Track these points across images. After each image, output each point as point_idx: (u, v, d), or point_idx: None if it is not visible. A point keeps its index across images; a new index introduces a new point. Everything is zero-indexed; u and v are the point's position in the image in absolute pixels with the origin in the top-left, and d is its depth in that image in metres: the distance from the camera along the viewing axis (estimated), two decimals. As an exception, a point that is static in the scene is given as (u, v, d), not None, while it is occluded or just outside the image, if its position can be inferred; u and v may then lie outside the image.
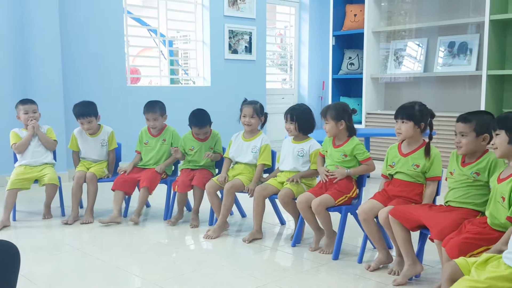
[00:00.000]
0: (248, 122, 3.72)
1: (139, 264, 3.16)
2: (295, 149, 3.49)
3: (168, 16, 6.77)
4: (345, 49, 7.52)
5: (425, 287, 2.67)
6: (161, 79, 7.04)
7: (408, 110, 2.87)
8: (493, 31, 5.67)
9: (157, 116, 4.08)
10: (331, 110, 3.22)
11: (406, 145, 2.96)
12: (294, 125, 3.44)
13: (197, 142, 3.99)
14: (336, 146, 3.26)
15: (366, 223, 2.89)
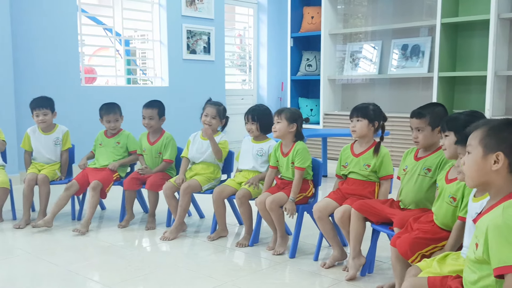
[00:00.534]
0: (209, 122, 3.69)
1: (93, 267, 3.10)
2: (254, 148, 3.51)
3: (124, 15, 6.68)
4: (303, 51, 7.60)
5: (378, 282, 2.73)
6: (117, 79, 6.93)
7: (363, 109, 2.96)
8: (444, 34, 5.85)
9: (118, 117, 4.05)
10: (286, 111, 3.26)
11: (358, 145, 3.04)
12: (256, 125, 3.46)
13: (148, 145, 3.95)
14: (285, 154, 3.27)
15: (321, 221, 2.94)
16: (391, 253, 2.38)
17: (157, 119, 3.93)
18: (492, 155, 1.61)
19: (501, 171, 1.61)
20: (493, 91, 5.50)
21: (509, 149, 1.60)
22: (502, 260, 1.50)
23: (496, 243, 1.51)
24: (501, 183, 1.62)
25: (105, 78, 8.25)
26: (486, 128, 1.65)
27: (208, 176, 3.67)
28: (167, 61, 6.98)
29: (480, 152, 1.64)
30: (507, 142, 1.61)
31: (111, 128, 4.04)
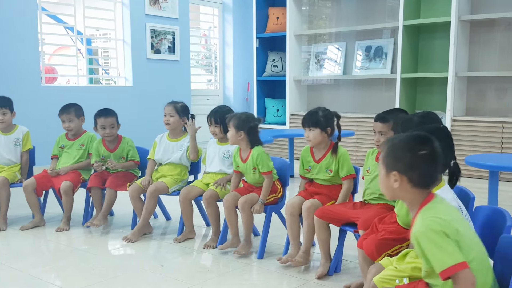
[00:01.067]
0: (166, 121, 3.63)
1: (56, 272, 3.01)
2: (220, 150, 3.47)
3: (86, 13, 6.54)
4: (269, 51, 7.61)
5: (345, 281, 2.74)
6: (79, 79, 6.78)
7: (313, 117, 2.95)
8: (406, 36, 5.96)
9: (72, 117, 3.91)
10: (234, 118, 3.19)
11: (317, 150, 3.03)
12: (219, 127, 3.42)
13: (107, 152, 3.83)
14: (244, 160, 3.23)
15: (293, 217, 2.94)
16: (358, 254, 2.41)
17: (116, 127, 3.83)
18: (391, 174, 1.71)
19: (404, 188, 1.69)
20: (454, 92, 5.63)
21: (404, 167, 1.68)
22: (440, 264, 1.56)
23: (428, 251, 1.58)
24: (411, 197, 1.71)
25: (65, 78, 8.06)
26: (386, 147, 1.75)
27: (175, 178, 3.62)
28: (131, 60, 6.87)
29: (383, 171, 1.75)
30: (401, 161, 1.68)
31: (67, 129, 3.92)
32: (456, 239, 1.58)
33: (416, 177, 1.67)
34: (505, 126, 5.27)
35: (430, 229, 1.58)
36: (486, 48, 5.74)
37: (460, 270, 1.55)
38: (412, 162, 1.68)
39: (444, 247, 1.56)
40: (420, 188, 1.69)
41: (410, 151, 1.69)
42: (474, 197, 2.17)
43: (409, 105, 6.17)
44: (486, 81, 5.79)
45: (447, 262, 1.55)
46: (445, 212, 1.65)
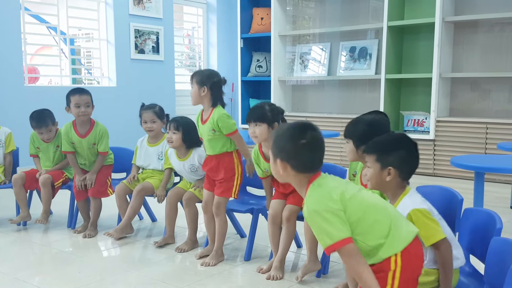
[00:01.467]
0: (150, 128, 3.59)
1: (41, 275, 2.96)
2: (185, 166, 3.36)
3: (69, 13, 6.47)
4: (253, 52, 7.60)
5: (333, 283, 2.75)
6: (62, 79, 6.70)
7: (259, 111, 2.83)
8: (390, 37, 5.99)
9: (51, 127, 3.79)
10: (197, 74, 2.98)
11: (266, 149, 2.91)
12: (179, 135, 3.26)
13: (77, 138, 3.61)
14: (204, 121, 3.02)
15: (275, 225, 2.90)
16: None
17: (92, 106, 3.60)
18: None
19: (289, 173, 1.83)
20: (438, 93, 5.68)
21: (286, 155, 1.82)
22: (322, 243, 1.71)
23: (314, 229, 1.75)
24: (297, 181, 1.85)
25: (47, 78, 7.95)
26: (273, 137, 1.89)
27: (162, 178, 3.59)
28: (115, 60, 6.81)
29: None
30: (284, 151, 1.82)
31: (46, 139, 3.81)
32: (342, 209, 1.71)
33: (298, 164, 1.81)
34: (489, 126, 5.34)
35: (313, 211, 1.72)
36: (470, 49, 5.81)
37: (342, 246, 1.67)
38: (293, 151, 1.81)
39: (325, 227, 1.69)
40: (303, 173, 1.82)
41: (291, 140, 1.82)
42: (462, 199, 2.18)
43: (394, 105, 6.21)
44: (470, 82, 5.86)
45: (329, 240, 1.68)
46: (327, 186, 1.78)
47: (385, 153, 2.01)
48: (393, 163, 1.99)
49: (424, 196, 2.26)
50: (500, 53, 5.63)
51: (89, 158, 3.69)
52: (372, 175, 2.03)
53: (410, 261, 1.71)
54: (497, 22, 5.62)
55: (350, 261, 1.68)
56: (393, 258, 1.70)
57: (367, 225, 1.72)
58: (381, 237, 1.71)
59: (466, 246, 2.05)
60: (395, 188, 2.03)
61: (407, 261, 1.70)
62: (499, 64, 5.63)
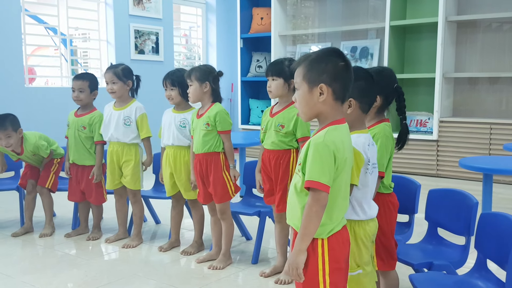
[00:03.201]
0: (110, 89, 3.29)
1: (48, 278, 2.91)
2: (176, 119, 3.17)
3: (69, 14, 6.41)
4: (253, 52, 7.56)
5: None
6: (62, 79, 6.64)
7: (277, 66, 2.70)
8: (392, 36, 5.97)
9: (10, 132, 3.47)
10: (195, 71, 2.91)
11: (278, 106, 2.79)
12: (176, 90, 3.12)
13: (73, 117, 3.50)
14: (200, 115, 2.95)
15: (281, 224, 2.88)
16: None
17: (87, 92, 3.44)
18: (316, 88, 1.68)
19: (327, 101, 1.69)
20: (441, 93, 5.65)
21: (329, 78, 1.67)
22: (310, 174, 1.62)
23: (311, 158, 1.63)
24: (329, 110, 1.71)
25: (43, 78, 7.89)
26: (306, 63, 1.72)
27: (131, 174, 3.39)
28: (115, 61, 6.75)
29: (306, 87, 1.70)
30: (326, 73, 1.68)
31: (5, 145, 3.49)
32: (339, 164, 1.65)
33: (339, 88, 1.69)
34: (493, 127, 5.32)
35: (326, 144, 1.63)
36: (473, 48, 5.79)
37: (319, 188, 1.60)
38: (335, 73, 1.69)
39: (323, 164, 1.62)
40: (339, 102, 1.72)
41: (331, 62, 1.69)
42: (477, 202, 2.15)
43: (396, 106, 6.18)
44: (473, 82, 5.84)
45: (316, 176, 1.61)
46: (344, 139, 1.70)
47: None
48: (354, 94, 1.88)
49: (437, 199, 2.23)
50: (503, 53, 5.61)
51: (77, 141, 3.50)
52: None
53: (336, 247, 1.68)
54: (500, 22, 5.60)
55: (314, 207, 1.61)
56: (320, 242, 1.66)
57: (332, 199, 1.66)
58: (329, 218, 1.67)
59: (484, 251, 2.02)
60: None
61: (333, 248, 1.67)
62: (502, 64, 5.62)
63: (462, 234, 2.26)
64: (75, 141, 3.50)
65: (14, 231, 3.69)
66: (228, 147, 2.93)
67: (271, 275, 2.86)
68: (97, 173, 3.46)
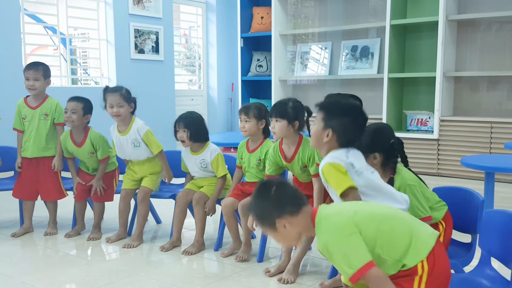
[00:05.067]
0: (116, 113, 3.30)
1: (49, 278, 2.89)
2: (197, 160, 3.33)
3: (69, 13, 6.40)
4: (253, 51, 7.55)
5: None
6: (61, 79, 6.62)
7: (281, 107, 2.78)
8: (393, 35, 5.95)
9: (39, 77, 3.48)
10: (253, 109, 3.09)
11: (285, 146, 2.89)
12: (187, 133, 3.24)
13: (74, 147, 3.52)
14: (251, 151, 3.16)
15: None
16: None
17: (80, 114, 3.41)
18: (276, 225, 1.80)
19: (292, 223, 1.77)
20: (442, 92, 5.64)
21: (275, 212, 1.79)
22: (346, 275, 1.67)
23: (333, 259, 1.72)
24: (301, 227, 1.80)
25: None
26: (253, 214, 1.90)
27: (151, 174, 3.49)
28: (115, 60, 6.75)
29: (271, 231, 1.84)
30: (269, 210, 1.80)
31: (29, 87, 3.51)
32: (358, 230, 1.65)
33: (289, 207, 1.77)
34: (494, 126, 5.31)
35: (328, 241, 1.68)
36: (474, 47, 5.78)
37: (366, 271, 1.60)
38: (276, 202, 1.79)
39: (345, 254, 1.63)
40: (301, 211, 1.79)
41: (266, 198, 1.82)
42: (483, 200, 2.14)
43: (397, 105, 6.18)
44: (473, 81, 5.83)
45: (352, 269, 1.61)
46: (333, 212, 1.74)
47: (331, 115, 2.08)
48: (334, 126, 2.06)
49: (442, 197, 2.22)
50: (503, 52, 5.60)
51: (92, 164, 3.61)
52: (314, 131, 2.14)
53: (436, 263, 1.67)
54: (501, 21, 5.59)
55: (378, 285, 1.61)
56: (420, 264, 1.65)
57: (385, 236, 1.66)
58: (404, 246, 1.66)
59: (488, 249, 2.01)
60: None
61: (433, 264, 1.66)
62: (502, 63, 5.60)
63: (467, 231, 2.25)
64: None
65: (13, 231, 3.68)
66: None
67: (276, 274, 2.85)
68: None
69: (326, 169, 2.03)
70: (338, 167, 1.98)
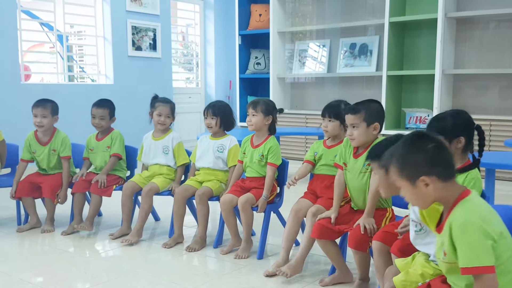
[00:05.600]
0: (163, 122, 3.57)
1: (46, 275, 2.87)
2: (215, 145, 3.38)
3: (66, 9, 6.36)
4: (251, 49, 7.52)
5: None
6: (58, 76, 6.58)
7: (335, 109, 2.88)
8: (392, 33, 5.93)
9: (47, 114, 3.64)
10: (262, 103, 3.15)
11: (331, 140, 2.98)
12: (216, 120, 3.34)
13: (95, 142, 3.72)
14: (255, 146, 3.18)
15: (296, 219, 2.86)
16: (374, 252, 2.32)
17: (107, 119, 3.71)
18: (418, 181, 1.60)
19: (436, 186, 1.60)
20: (441, 90, 5.63)
21: (427, 168, 1.60)
22: (466, 261, 1.52)
23: (460, 242, 1.53)
24: (446, 194, 1.62)
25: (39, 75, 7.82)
26: (395, 160, 1.65)
27: (169, 176, 3.54)
28: (112, 57, 6.71)
29: (407, 184, 1.63)
30: (421, 164, 1.60)
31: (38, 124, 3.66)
32: (494, 240, 1.53)
33: (443, 170, 1.61)
34: (493, 123, 5.30)
35: (470, 222, 1.53)
36: (472, 45, 5.77)
37: (485, 273, 1.50)
38: (431, 160, 1.60)
39: (476, 244, 1.51)
40: (451, 181, 1.62)
41: (421, 152, 1.61)
42: (488, 197, 2.12)
43: (395, 103, 6.16)
44: (472, 79, 5.81)
45: (473, 261, 1.50)
46: (486, 210, 1.59)
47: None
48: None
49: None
50: (502, 49, 5.59)
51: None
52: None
53: None
54: (499, 18, 5.58)
55: None
56: None
57: (505, 271, 1.57)
58: None
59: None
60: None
61: None
62: (502, 60, 5.59)
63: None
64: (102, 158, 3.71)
65: (11, 229, 3.65)
66: (270, 179, 3.09)
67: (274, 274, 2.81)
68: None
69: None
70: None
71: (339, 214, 2.64)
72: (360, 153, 2.59)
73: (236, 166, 3.28)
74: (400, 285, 1.81)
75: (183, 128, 7.30)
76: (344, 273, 2.69)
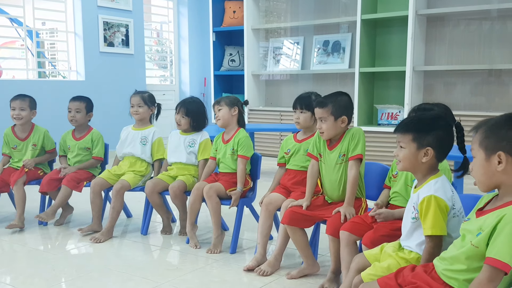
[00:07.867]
0: (136, 112, 3.56)
1: (14, 273, 2.81)
2: (186, 140, 3.38)
3: (35, 5, 6.23)
4: (226, 46, 7.50)
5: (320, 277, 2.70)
6: (28, 73, 6.45)
7: (306, 100, 2.88)
8: (364, 30, 5.98)
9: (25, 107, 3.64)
10: (225, 98, 3.18)
11: (302, 134, 2.98)
12: (187, 120, 3.35)
13: (72, 141, 3.69)
14: (226, 141, 3.18)
15: (268, 213, 2.85)
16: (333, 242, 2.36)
17: (84, 113, 3.67)
18: (494, 155, 1.55)
19: (508, 170, 1.55)
20: (412, 86, 5.70)
21: (510, 146, 1.54)
22: (501, 254, 1.48)
23: (505, 236, 1.48)
24: (427, 170, 1.65)
25: (11, 72, 7.67)
26: (484, 128, 1.60)
27: (136, 174, 3.50)
28: (83, 53, 6.61)
29: (483, 155, 1.58)
30: (506, 139, 1.54)
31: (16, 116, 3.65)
32: None
33: None
34: (462, 119, 5.39)
35: None
36: (442, 42, 5.85)
37: (504, 270, 1.48)
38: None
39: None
40: None
41: None
42: (457, 186, 2.16)
43: (367, 99, 6.21)
44: (443, 75, 5.89)
45: (505, 257, 1.47)
46: None
47: (423, 133, 1.88)
48: (431, 143, 1.87)
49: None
50: (472, 46, 5.69)
51: None
52: (406, 155, 1.90)
53: None
54: (469, 16, 5.67)
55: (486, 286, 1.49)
56: None
57: None
58: None
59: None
60: (428, 170, 1.90)
61: None
62: (471, 57, 5.69)
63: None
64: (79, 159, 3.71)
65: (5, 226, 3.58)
66: (242, 171, 3.08)
67: (254, 268, 2.79)
68: None
69: (428, 202, 1.82)
70: (442, 206, 1.80)
71: (312, 205, 2.64)
72: (334, 145, 2.61)
73: (208, 163, 3.27)
74: (367, 278, 1.82)
75: (157, 125, 7.21)
76: (311, 264, 2.71)
